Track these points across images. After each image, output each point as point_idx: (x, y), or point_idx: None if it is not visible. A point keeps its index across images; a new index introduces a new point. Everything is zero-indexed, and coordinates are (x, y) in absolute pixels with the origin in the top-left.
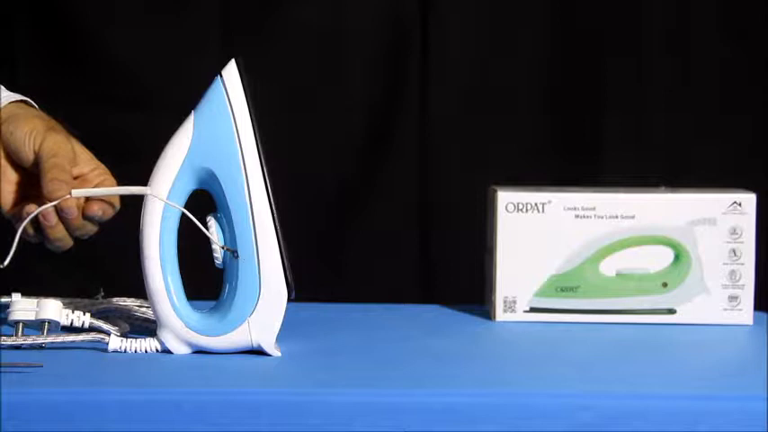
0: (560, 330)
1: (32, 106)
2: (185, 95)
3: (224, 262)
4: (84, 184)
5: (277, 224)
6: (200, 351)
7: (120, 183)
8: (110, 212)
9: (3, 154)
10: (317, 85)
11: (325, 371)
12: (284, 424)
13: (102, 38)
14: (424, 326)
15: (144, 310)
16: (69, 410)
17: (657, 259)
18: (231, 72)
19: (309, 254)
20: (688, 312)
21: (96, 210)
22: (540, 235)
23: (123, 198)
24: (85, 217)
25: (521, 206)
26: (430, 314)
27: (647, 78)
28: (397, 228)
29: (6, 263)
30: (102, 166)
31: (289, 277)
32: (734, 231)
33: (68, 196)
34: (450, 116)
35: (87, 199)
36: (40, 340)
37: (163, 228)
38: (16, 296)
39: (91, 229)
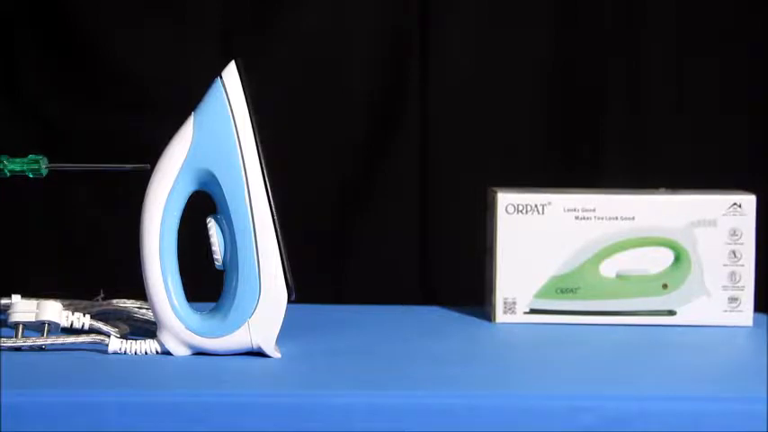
0: (560, 332)
1: None
2: (185, 96)
3: (224, 263)
4: None
5: (277, 225)
6: (199, 353)
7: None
8: None
9: None
10: (317, 85)
11: (326, 372)
12: (284, 425)
13: (102, 38)
14: (424, 327)
15: (144, 311)
16: (69, 411)
17: (657, 261)
18: (231, 73)
19: (309, 255)
20: (688, 314)
21: None
22: (540, 236)
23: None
24: None
25: (520, 207)
26: (430, 315)
27: (647, 79)
28: (397, 228)
29: None
30: None
31: (289, 279)
32: (734, 233)
33: None
34: (451, 116)
35: None
36: (41, 342)
37: (163, 229)
38: (16, 298)
39: None
